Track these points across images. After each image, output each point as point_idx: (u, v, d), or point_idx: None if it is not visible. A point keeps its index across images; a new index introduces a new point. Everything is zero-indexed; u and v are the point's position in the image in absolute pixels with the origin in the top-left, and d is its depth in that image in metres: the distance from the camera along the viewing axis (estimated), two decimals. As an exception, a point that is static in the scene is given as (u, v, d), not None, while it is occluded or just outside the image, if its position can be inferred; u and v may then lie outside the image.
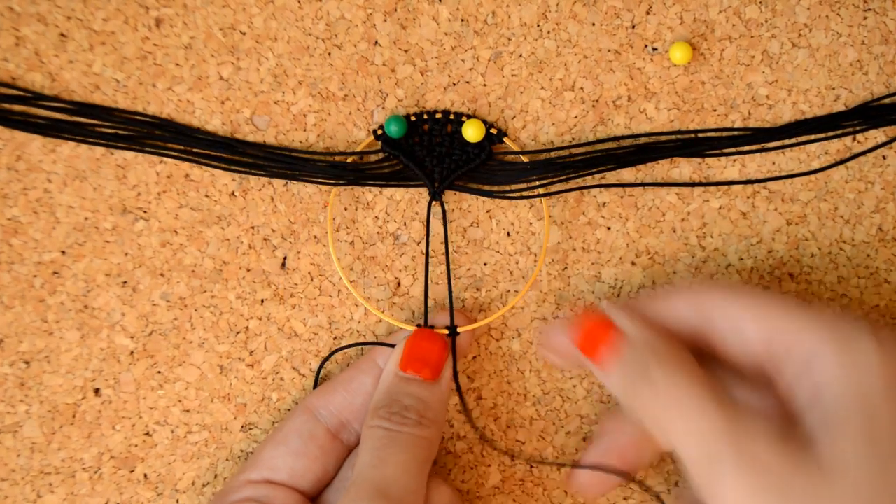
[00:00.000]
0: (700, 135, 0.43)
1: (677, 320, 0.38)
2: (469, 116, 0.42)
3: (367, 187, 0.43)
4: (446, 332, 0.41)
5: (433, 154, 0.42)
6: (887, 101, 0.43)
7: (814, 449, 0.34)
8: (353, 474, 0.37)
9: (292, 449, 0.40)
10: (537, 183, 0.42)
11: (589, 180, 0.43)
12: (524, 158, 0.42)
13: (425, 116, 0.42)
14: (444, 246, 0.43)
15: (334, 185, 0.42)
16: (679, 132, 0.43)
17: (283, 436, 0.40)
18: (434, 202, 0.42)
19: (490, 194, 0.42)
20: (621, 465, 0.40)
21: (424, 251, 0.43)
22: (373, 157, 0.42)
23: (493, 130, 0.42)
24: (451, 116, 0.42)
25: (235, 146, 0.42)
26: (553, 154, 0.42)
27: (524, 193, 0.42)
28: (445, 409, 0.40)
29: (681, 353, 0.36)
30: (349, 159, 0.42)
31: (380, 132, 0.42)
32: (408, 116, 0.42)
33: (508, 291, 0.43)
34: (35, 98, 0.42)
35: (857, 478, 0.33)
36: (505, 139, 0.42)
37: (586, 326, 0.38)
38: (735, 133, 0.43)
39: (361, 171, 0.42)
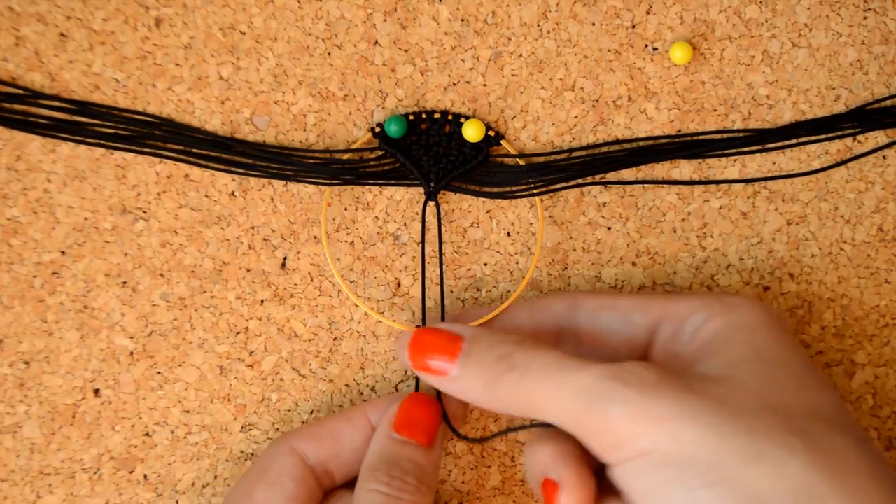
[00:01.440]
0: (700, 136, 0.43)
1: (535, 322, 0.40)
2: (468, 117, 0.42)
3: (368, 187, 0.43)
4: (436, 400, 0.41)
5: (430, 154, 0.42)
6: (888, 102, 0.43)
7: (698, 368, 0.35)
8: None
9: (288, 493, 0.38)
10: (533, 184, 0.42)
11: (587, 181, 0.43)
12: (521, 161, 0.42)
13: (424, 116, 0.42)
14: (442, 246, 0.43)
15: (330, 184, 0.42)
16: (678, 135, 0.43)
17: (275, 477, 0.39)
18: (430, 202, 0.42)
19: (485, 195, 0.42)
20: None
21: (422, 251, 0.43)
22: (370, 155, 0.42)
23: (492, 133, 0.42)
24: (450, 117, 0.42)
25: (232, 146, 0.42)
26: (550, 157, 0.42)
27: (519, 193, 0.42)
28: (437, 476, 0.39)
29: (536, 339, 0.37)
30: (346, 156, 0.42)
31: (378, 129, 0.42)
32: (406, 115, 0.42)
33: (509, 292, 0.43)
34: (35, 97, 0.42)
35: (746, 378, 0.34)
36: (503, 142, 0.42)
37: (414, 345, 0.38)
38: (735, 134, 0.43)
39: (358, 169, 0.42)
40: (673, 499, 0.32)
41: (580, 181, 0.42)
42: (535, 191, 0.42)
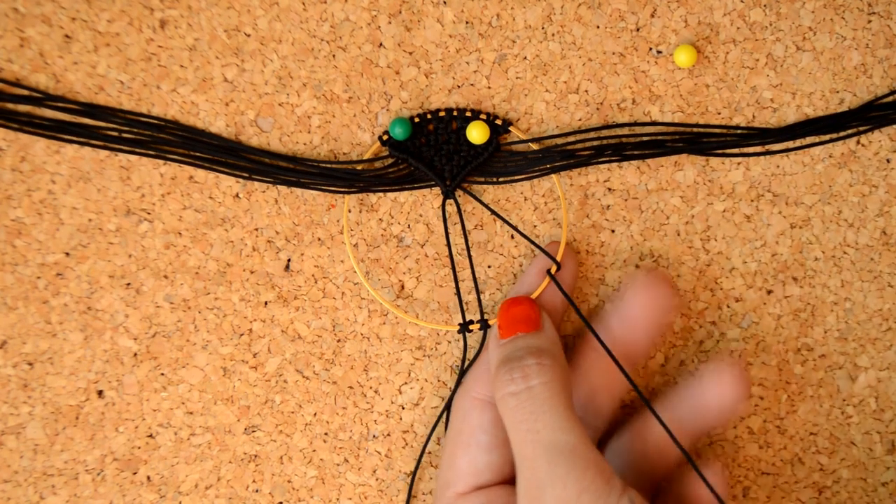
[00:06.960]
0: (707, 129, 0.42)
1: None
2: (473, 112, 0.42)
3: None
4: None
5: (441, 153, 0.42)
6: (890, 98, 0.43)
7: None
8: (514, 456, 0.37)
9: (483, 446, 0.39)
10: (549, 167, 0.42)
11: (597, 169, 0.43)
12: (534, 146, 0.42)
13: (429, 116, 0.42)
14: (450, 246, 0.43)
15: (345, 192, 0.42)
16: (688, 125, 0.43)
17: (467, 437, 0.40)
18: (448, 201, 0.42)
19: (501, 183, 0.42)
20: None
21: (429, 253, 0.43)
22: (379, 164, 0.42)
23: (499, 122, 0.42)
24: (455, 113, 0.42)
25: (242, 152, 0.42)
26: (561, 140, 0.42)
27: (536, 173, 0.42)
28: (558, 343, 0.40)
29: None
30: (359, 167, 0.42)
31: (385, 137, 0.42)
32: (412, 118, 0.42)
33: (512, 294, 0.43)
34: (39, 98, 0.42)
35: None
36: (511, 128, 0.42)
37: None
38: (741, 132, 0.43)
39: (370, 178, 0.42)
40: None
41: (595, 172, 0.42)
42: (551, 169, 0.42)
